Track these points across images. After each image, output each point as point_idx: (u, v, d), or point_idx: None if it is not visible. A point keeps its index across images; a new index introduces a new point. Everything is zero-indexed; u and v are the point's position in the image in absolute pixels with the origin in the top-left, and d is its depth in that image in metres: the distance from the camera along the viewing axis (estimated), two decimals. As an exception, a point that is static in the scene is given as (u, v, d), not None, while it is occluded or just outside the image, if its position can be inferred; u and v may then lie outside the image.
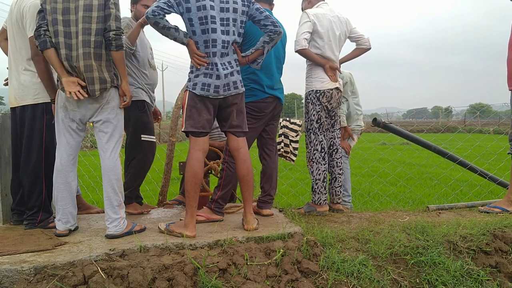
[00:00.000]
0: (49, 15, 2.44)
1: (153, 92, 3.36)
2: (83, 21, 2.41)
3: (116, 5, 2.48)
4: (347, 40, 3.44)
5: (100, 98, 2.50)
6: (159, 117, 3.57)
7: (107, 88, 2.48)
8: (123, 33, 2.54)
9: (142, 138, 3.15)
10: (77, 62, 2.42)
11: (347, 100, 4.16)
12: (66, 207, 2.52)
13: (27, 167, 2.73)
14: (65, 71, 2.45)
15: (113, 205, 2.47)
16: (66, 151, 2.52)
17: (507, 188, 4.26)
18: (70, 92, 2.40)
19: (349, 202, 4.10)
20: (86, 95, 2.46)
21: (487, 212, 3.30)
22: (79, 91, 2.42)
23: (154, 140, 3.28)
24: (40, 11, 2.48)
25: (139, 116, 3.13)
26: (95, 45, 2.43)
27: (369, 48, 3.46)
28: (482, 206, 3.44)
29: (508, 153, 3.37)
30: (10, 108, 2.85)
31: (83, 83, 2.45)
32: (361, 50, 3.47)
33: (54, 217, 2.76)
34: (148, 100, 3.22)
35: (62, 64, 2.44)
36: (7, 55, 2.95)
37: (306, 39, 3.14)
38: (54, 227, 2.59)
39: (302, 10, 3.37)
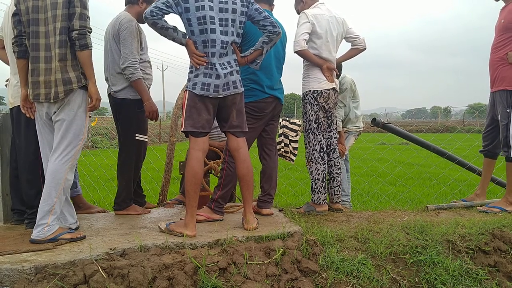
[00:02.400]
0: (24, 16, 2.42)
1: None
2: (53, 21, 2.38)
3: (82, 2, 2.39)
4: (343, 40, 3.45)
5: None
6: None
7: (73, 89, 2.40)
8: (90, 31, 2.43)
9: (136, 137, 3.16)
10: (41, 64, 2.39)
11: (345, 106, 4.15)
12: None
13: (25, 166, 2.74)
14: (26, 84, 2.50)
15: (43, 210, 2.36)
16: (50, 150, 2.52)
17: (506, 188, 4.28)
18: (23, 107, 2.55)
19: (348, 202, 4.11)
20: (33, 117, 2.54)
21: (486, 212, 3.31)
22: (30, 109, 2.54)
23: (146, 140, 3.29)
24: (14, 14, 2.46)
25: (137, 114, 3.14)
26: (60, 45, 2.38)
27: (365, 49, 3.46)
28: (480, 206, 3.46)
29: (501, 155, 3.41)
30: (10, 108, 2.87)
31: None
32: (356, 50, 3.47)
33: None
34: None
35: (26, 76, 2.49)
36: (5, 63, 3.00)
37: (305, 39, 3.14)
38: None
39: (298, 13, 3.37)
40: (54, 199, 2.36)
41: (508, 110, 3.23)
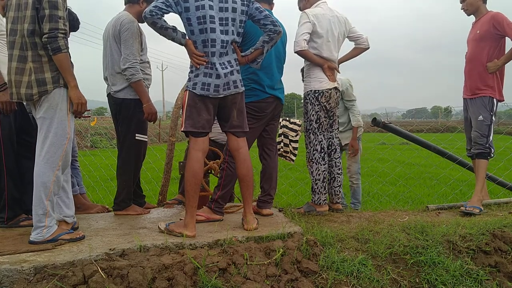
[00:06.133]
0: (7, 12, 2.39)
1: None
2: (23, 22, 2.31)
3: (51, 3, 2.25)
4: (346, 40, 3.44)
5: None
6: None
7: (47, 90, 2.30)
8: (63, 33, 2.29)
9: (137, 137, 3.15)
10: (14, 62, 2.33)
11: (355, 100, 4.17)
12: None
13: None
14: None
15: (38, 213, 2.32)
16: None
17: (507, 188, 4.28)
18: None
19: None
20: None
21: (470, 213, 3.28)
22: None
23: (147, 140, 3.28)
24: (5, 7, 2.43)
25: (137, 114, 3.13)
26: (32, 47, 2.30)
27: (368, 48, 3.46)
28: (462, 207, 3.41)
29: (472, 151, 3.54)
30: None
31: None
32: (359, 49, 3.47)
33: (26, 216, 2.76)
34: None
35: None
36: None
37: (305, 40, 3.14)
38: (27, 225, 2.60)
39: (300, 10, 3.36)
40: (45, 202, 2.32)
41: (491, 113, 3.41)
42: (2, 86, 2.63)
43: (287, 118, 4.01)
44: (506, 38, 3.35)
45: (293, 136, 3.90)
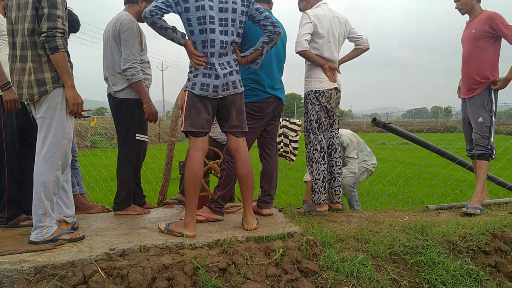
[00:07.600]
0: (8, 12, 2.39)
1: None
2: (23, 21, 2.31)
3: (50, 2, 2.25)
4: (346, 40, 3.44)
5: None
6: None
7: (47, 90, 2.31)
8: (61, 32, 2.29)
9: (137, 138, 3.15)
10: (17, 63, 2.33)
11: (356, 158, 4.21)
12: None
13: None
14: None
15: (38, 213, 2.32)
16: None
17: (507, 188, 4.28)
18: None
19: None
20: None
21: (472, 214, 3.26)
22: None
23: (147, 140, 3.28)
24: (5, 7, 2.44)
25: (137, 114, 3.13)
26: (31, 46, 2.31)
27: (368, 48, 3.47)
28: (464, 208, 3.38)
29: (473, 152, 3.51)
30: None
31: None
32: (359, 50, 3.48)
33: (26, 216, 2.76)
34: None
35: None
36: None
37: (307, 40, 3.14)
38: (27, 225, 2.60)
39: (300, 10, 3.37)
40: (45, 202, 2.32)
41: (491, 114, 3.38)
42: (6, 85, 2.63)
43: (287, 118, 4.02)
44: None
45: (293, 136, 3.91)
